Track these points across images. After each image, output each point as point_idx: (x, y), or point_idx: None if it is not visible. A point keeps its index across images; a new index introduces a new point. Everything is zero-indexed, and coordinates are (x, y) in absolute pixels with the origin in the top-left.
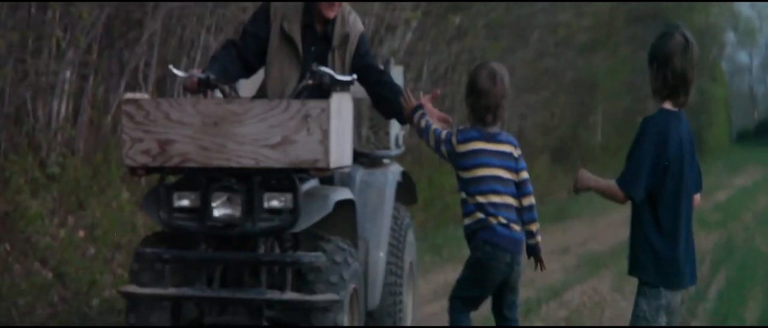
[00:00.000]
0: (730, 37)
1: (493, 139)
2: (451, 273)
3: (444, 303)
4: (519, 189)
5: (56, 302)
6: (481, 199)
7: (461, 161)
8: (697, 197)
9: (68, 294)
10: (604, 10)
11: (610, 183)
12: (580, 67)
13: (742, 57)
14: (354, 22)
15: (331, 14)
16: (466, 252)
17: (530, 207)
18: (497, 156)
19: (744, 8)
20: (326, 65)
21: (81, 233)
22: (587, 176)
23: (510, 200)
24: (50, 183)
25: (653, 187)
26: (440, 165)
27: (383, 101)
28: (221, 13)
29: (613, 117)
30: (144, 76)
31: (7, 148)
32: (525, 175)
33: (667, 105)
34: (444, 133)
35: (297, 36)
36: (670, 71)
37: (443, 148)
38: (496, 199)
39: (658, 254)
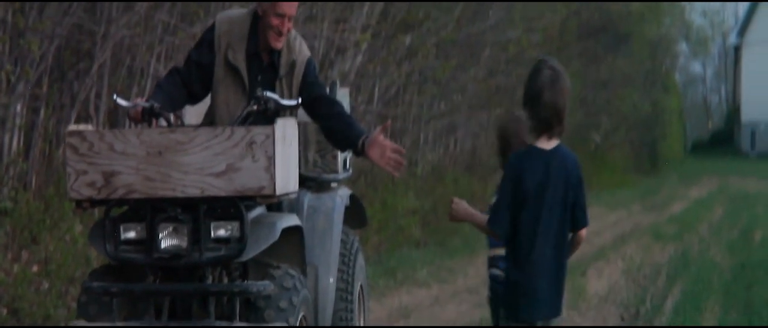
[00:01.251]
0: (683, 47)
1: None
2: (406, 296)
3: (400, 326)
4: None
5: None
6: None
7: None
8: (582, 232)
9: None
10: (555, 25)
11: (483, 219)
12: None
13: (696, 67)
14: (300, 49)
15: (278, 45)
16: (420, 274)
17: None
18: None
19: (696, 18)
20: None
21: (34, 268)
22: (464, 207)
23: None
24: (3, 218)
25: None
26: (394, 187)
27: (335, 135)
28: (171, 41)
29: (566, 131)
30: (95, 107)
31: None
32: None
33: (541, 142)
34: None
35: (242, 66)
36: (541, 106)
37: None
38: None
39: (514, 284)
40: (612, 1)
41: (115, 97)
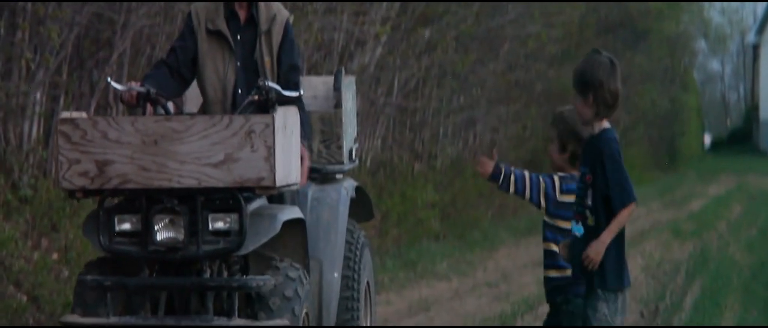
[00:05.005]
0: (702, 45)
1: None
2: (425, 289)
3: (420, 319)
4: None
5: (31, 325)
6: None
7: (562, 211)
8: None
9: (43, 317)
10: (574, 21)
11: (620, 217)
12: (551, 78)
13: (714, 65)
14: (279, 7)
15: None
16: (440, 267)
17: None
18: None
19: (715, 16)
20: (254, 52)
21: (55, 256)
22: (598, 248)
23: None
24: (23, 206)
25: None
26: (414, 180)
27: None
28: None
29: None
30: (114, 95)
31: None
32: None
33: (606, 123)
34: (543, 183)
35: (223, 27)
36: (607, 93)
37: (543, 199)
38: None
39: (621, 259)
40: (631, 1)
41: (108, 79)
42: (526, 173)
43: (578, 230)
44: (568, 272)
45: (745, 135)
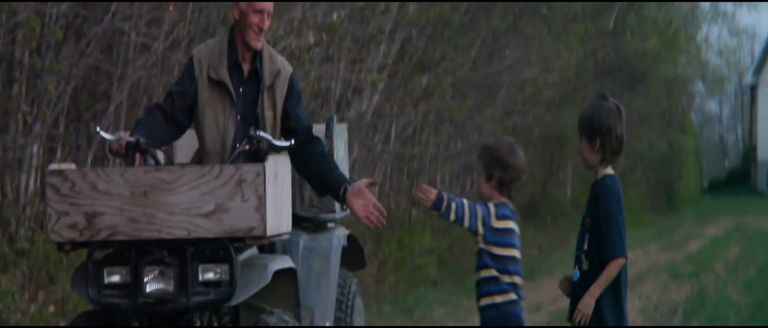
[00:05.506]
0: (699, 87)
1: (516, 220)
2: None
3: None
4: None
5: None
6: (517, 279)
7: (498, 237)
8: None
9: None
10: (571, 65)
11: (608, 271)
12: (548, 123)
13: (712, 107)
14: (282, 61)
15: (258, 44)
16: (437, 314)
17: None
18: (518, 239)
19: (712, 57)
20: (257, 106)
21: (51, 308)
22: (587, 301)
23: None
24: (19, 259)
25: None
26: (411, 226)
27: (315, 176)
28: None
29: (583, 172)
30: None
31: None
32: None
33: (610, 170)
34: (480, 210)
35: (226, 78)
36: (615, 139)
37: (480, 226)
38: (520, 282)
39: (619, 301)
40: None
41: (98, 129)
42: (466, 201)
43: (576, 274)
44: (513, 296)
45: (743, 176)
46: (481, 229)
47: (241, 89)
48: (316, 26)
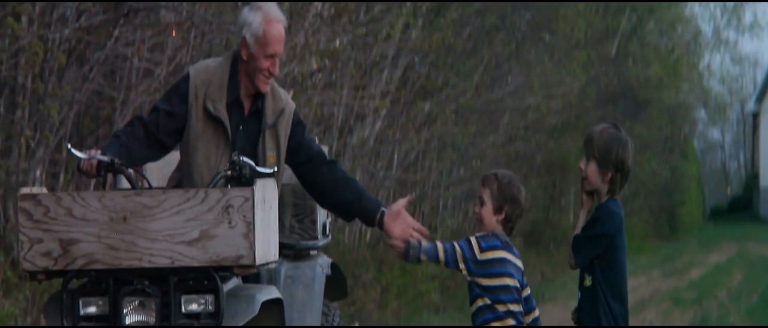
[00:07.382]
0: (702, 114)
1: (512, 250)
2: None
3: None
4: (525, 305)
5: None
6: (513, 307)
7: (484, 269)
8: None
9: None
10: (574, 92)
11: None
12: (551, 149)
13: (715, 134)
14: (286, 98)
15: (266, 88)
16: None
17: (536, 320)
18: (516, 270)
19: (715, 85)
20: (257, 147)
21: None
22: None
23: None
24: (22, 283)
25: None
26: None
27: (345, 205)
28: None
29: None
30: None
31: None
32: (529, 291)
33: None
34: (459, 249)
35: (224, 116)
36: (625, 173)
37: (462, 265)
38: (519, 309)
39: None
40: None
41: (69, 145)
42: (439, 243)
43: (578, 294)
44: (510, 321)
45: (745, 203)
46: (461, 265)
47: (240, 127)
48: (319, 52)
